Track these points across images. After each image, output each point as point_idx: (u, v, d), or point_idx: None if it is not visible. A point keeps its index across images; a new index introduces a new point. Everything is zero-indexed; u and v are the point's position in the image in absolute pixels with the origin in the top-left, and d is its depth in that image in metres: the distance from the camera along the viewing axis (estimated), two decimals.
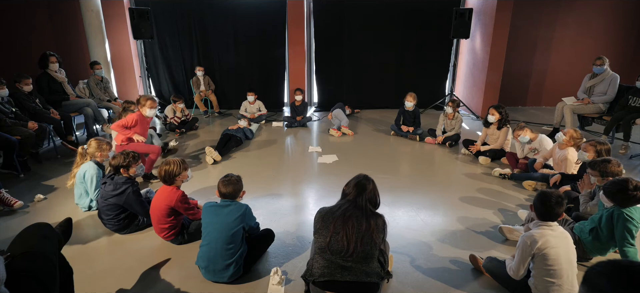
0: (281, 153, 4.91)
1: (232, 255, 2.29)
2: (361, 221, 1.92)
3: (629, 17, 6.91)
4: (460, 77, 7.50)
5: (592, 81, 5.19)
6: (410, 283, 2.36)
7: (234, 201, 2.43)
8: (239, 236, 2.33)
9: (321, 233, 1.97)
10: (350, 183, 2.07)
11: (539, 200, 2.10)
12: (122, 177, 2.86)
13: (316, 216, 2.06)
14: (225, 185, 2.41)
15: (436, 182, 3.96)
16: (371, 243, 1.91)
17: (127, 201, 2.80)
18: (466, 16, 6.19)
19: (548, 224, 2.06)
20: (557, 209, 2.04)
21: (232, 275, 2.30)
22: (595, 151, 3.12)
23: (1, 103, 4.23)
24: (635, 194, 2.20)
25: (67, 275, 1.89)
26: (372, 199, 2.02)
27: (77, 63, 6.62)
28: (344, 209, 1.96)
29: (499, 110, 4.48)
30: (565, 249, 2.02)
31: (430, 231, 2.97)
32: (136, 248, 2.75)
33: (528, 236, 2.04)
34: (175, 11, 6.71)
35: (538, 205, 2.10)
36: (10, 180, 3.88)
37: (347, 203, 2.00)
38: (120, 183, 2.80)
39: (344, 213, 1.95)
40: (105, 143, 3.28)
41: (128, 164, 2.89)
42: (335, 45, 7.05)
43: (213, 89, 6.92)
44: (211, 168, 4.36)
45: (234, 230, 2.30)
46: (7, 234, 2.87)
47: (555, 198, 2.04)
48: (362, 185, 2.02)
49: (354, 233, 1.89)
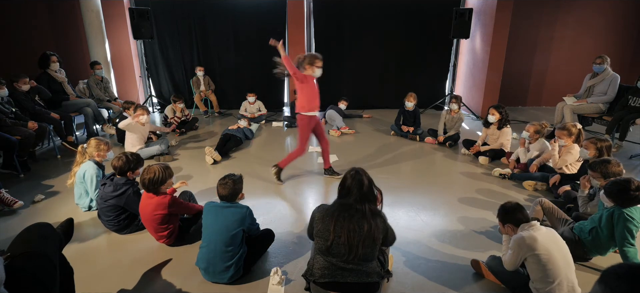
0: (281, 153, 4.91)
1: (231, 256, 2.29)
2: (362, 223, 1.89)
3: (628, 17, 6.91)
4: (460, 77, 7.50)
5: (592, 80, 5.19)
6: (410, 284, 2.36)
7: (234, 203, 2.42)
8: (239, 238, 2.32)
9: (321, 235, 1.95)
10: (346, 182, 2.03)
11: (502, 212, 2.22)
12: (122, 178, 2.85)
13: (315, 214, 2.04)
14: (223, 187, 2.39)
15: (436, 182, 3.96)
16: (372, 245, 1.91)
17: (127, 202, 2.79)
18: (466, 16, 6.19)
19: (530, 225, 2.08)
20: (517, 214, 2.13)
21: (231, 276, 2.30)
22: (596, 148, 3.10)
23: (1, 103, 4.23)
24: (637, 194, 2.20)
25: (67, 275, 1.89)
26: (370, 194, 1.99)
27: (77, 63, 6.62)
28: (344, 211, 1.93)
29: (500, 110, 4.49)
30: (557, 246, 2.03)
31: (431, 232, 2.97)
32: (136, 248, 2.75)
33: (517, 237, 2.08)
34: (175, 11, 6.71)
35: (506, 217, 2.19)
36: (10, 180, 3.88)
37: (347, 204, 1.96)
38: (120, 185, 2.79)
39: (345, 215, 1.91)
40: (104, 143, 3.28)
41: (133, 167, 2.87)
42: (335, 45, 7.05)
43: (213, 89, 6.92)
44: (211, 168, 4.36)
45: (234, 232, 2.29)
46: (7, 234, 2.87)
47: (511, 206, 2.17)
48: (359, 182, 1.98)
49: (355, 236, 1.87)
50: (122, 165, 2.82)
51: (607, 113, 5.10)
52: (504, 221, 2.21)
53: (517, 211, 2.15)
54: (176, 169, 4.26)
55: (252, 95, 6.25)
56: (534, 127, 4.03)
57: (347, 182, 2.02)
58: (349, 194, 1.99)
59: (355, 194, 1.96)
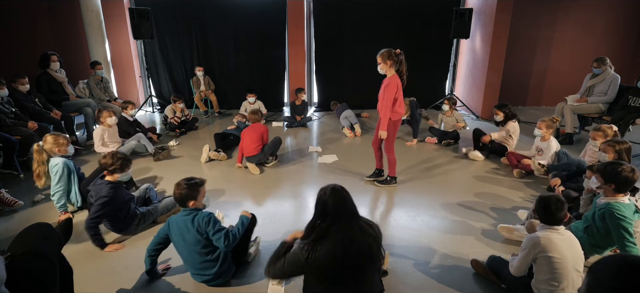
0: (281, 153, 4.91)
1: (214, 262, 2.24)
2: (364, 241, 1.73)
3: (628, 17, 6.91)
4: (460, 77, 7.50)
5: (592, 80, 5.19)
6: (410, 284, 2.36)
7: (192, 208, 2.24)
8: (212, 243, 2.21)
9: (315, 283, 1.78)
10: (327, 207, 1.74)
11: (540, 205, 2.07)
12: (105, 182, 2.75)
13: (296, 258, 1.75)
14: (176, 187, 2.23)
15: (436, 182, 3.96)
16: (373, 268, 1.83)
17: (112, 206, 2.70)
18: (466, 16, 6.19)
19: (553, 228, 2.02)
20: (558, 214, 2.00)
21: (223, 275, 2.30)
22: (615, 151, 2.89)
23: (1, 103, 4.24)
24: (629, 176, 2.22)
25: (67, 275, 1.90)
26: (354, 207, 1.80)
27: (77, 63, 6.62)
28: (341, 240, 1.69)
29: (503, 109, 4.54)
30: (572, 254, 1.98)
31: (430, 232, 2.97)
32: (136, 248, 2.75)
33: (533, 237, 2.03)
34: (175, 11, 6.71)
35: (540, 211, 2.07)
36: (10, 180, 3.88)
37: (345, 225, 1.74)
38: (104, 190, 2.69)
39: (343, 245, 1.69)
40: (62, 137, 3.14)
41: (114, 169, 2.77)
42: (335, 45, 7.05)
43: (213, 89, 6.92)
44: (206, 169, 4.36)
45: (203, 242, 2.20)
46: (7, 234, 2.87)
47: (554, 203, 2.00)
48: (342, 200, 1.76)
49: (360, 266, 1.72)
50: (106, 162, 2.75)
51: (607, 113, 5.09)
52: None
53: (560, 210, 2.01)
54: (175, 169, 4.26)
55: (253, 96, 6.26)
56: (545, 123, 3.99)
57: (328, 202, 1.75)
58: (339, 216, 1.75)
59: (344, 214, 1.76)
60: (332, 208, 1.74)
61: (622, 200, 2.27)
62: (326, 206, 1.75)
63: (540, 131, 4.03)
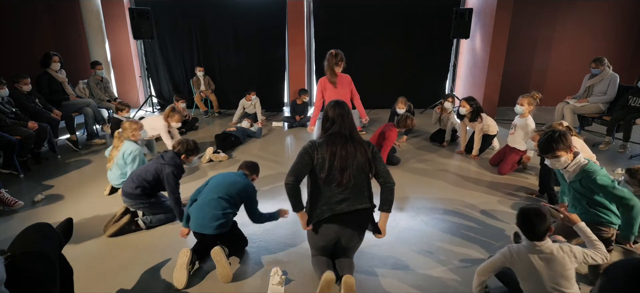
0: (281, 152, 4.91)
1: (223, 208, 2.42)
2: (350, 147, 2.11)
3: (628, 17, 6.92)
4: (460, 77, 7.50)
5: (591, 80, 5.19)
6: (410, 284, 2.36)
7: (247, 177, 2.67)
8: (235, 200, 2.49)
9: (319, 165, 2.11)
10: (328, 114, 2.21)
11: (520, 220, 1.89)
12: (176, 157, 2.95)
13: (307, 150, 2.15)
14: (248, 161, 2.80)
15: (436, 182, 3.96)
16: (361, 169, 2.11)
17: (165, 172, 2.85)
18: (466, 16, 6.19)
19: (536, 245, 1.85)
20: (540, 226, 1.82)
21: (218, 226, 2.40)
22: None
23: (1, 103, 4.24)
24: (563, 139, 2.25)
25: (67, 275, 1.89)
26: (352, 123, 2.18)
27: (77, 63, 6.63)
28: (335, 139, 2.13)
29: (470, 103, 4.44)
30: (551, 273, 1.82)
31: (430, 232, 2.97)
32: (136, 248, 2.75)
33: (506, 249, 1.95)
34: (175, 11, 6.72)
35: (521, 225, 1.89)
36: (10, 180, 3.88)
37: (335, 133, 2.15)
38: (169, 157, 2.91)
39: (335, 142, 2.11)
40: (136, 123, 3.47)
41: (187, 153, 2.98)
42: (335, 45, 7.00)
43: (213, 89, 6.92)
44: (206, 169, 4.36)
45: (231, 202, 2.47)
46: (7, 234, 2.87)
47: (535, 215, 1.83)
48: (340, 113, 2.17)
49: (346, 160, 2.08)
50: (180, 149, 2.98)
51: (607, 113, 5.10)
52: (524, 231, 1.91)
53: (541, 222, 1.82)
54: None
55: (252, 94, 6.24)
56: (526, 99, 3.92)
57: (329, 114, 2.21)
58: (334, 124, 2.18)
59: (339, 123, 2.16)
60: (332, 116, 2.20)
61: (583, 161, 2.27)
62: (327, 114, 2.23)
63: (521, 107, 3.94)
